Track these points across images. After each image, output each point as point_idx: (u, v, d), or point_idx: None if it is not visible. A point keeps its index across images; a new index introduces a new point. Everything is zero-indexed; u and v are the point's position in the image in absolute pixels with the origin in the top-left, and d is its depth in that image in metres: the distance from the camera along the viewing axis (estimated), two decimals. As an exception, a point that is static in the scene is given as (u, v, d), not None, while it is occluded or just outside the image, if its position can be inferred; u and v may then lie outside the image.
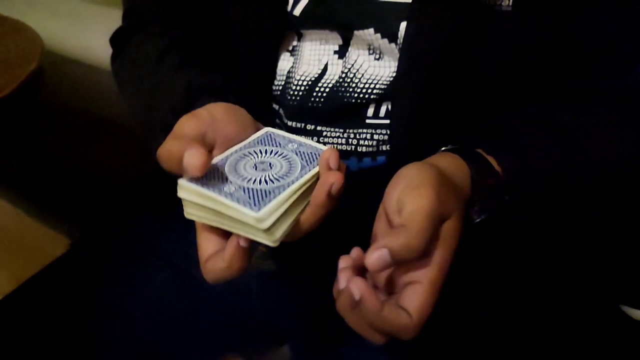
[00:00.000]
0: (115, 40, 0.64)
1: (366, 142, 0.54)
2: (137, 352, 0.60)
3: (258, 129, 0.49)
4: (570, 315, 0.68)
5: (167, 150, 0.41)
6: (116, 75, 0.64)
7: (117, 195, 0.85)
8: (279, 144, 0.47)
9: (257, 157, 0.45)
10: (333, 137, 0.54)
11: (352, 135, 0.54)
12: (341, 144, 0.54)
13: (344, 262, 0.41)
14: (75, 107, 1.11)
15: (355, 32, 0.52)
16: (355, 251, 0.42)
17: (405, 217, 0.39)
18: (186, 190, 0.41)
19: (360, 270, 0.41)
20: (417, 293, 0.39)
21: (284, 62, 0.55)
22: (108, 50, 0.66)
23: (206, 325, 0.63)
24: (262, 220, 0.39)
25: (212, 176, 0.42)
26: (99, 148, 1.10)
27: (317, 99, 0.54)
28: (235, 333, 0.65)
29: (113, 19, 0.66)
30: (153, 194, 0.71)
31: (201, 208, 0.41)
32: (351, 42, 0.53)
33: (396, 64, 0.51)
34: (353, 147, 0.54)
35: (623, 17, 0.49)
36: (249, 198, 0.40)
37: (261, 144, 0.47)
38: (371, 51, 0.52)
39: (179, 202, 0.69)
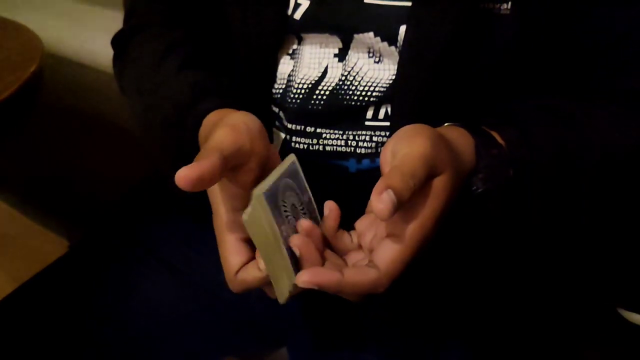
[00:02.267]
0: (117, 42, 0.64)
1: (365, 144, 0.54)
2: (136, 355, 0.60)
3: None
4: (568, 319, 0.68)
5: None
6: (118, 76, 0.64)
7: (116, 197, 0.85)
8: (303, 188, 0.46)
9: (295, 197, 0.44)
10: (332, 139, 0.55)
11: (351, 137, 0.54)
12: (340, 145, 0.55)
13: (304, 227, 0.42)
14: (75, 109, 1.11)
15: (355, 35, 0.52)
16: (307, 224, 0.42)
17: (398, 159, 0.39)
18: (260, 206, 0.40)
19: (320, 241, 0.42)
20: (389, 246, 0.39)
21: (284, 66, 0.56)
22: (108, 52, 0.66)
23: (205, 327, 0.63)
24: (296, 284, 0.39)
25: (277, 203, 0.41)
26: (98, 150, 1.10)
27: (317, 102, 0.54)
28: (234, 335, 0.65)
29: (113, 20, 0.66)
30: (153, 197, 0.71)
31: (259, 226, 0.40)
32: (351, 46, 0.53)
33: (396, 67, 0.51)
34: (352, 148, 0.55)
35: (622, 18, 0.50)
36: (290, 256, 0.40)
37: (293, 177, 0.45)
38: (371, 54, 0.52)
39: (178, 205, 0.69)
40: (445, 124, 0.49)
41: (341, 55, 0.54)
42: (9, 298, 0.61)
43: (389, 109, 0.53)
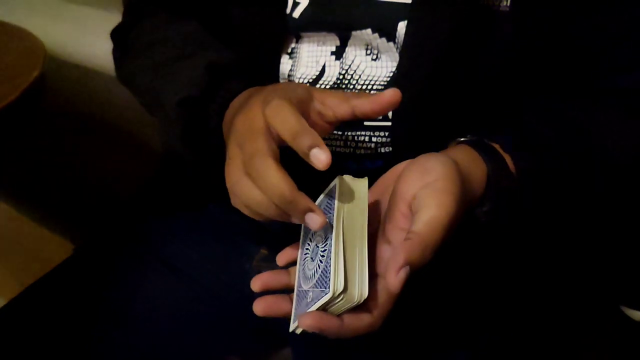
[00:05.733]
0: (117, 33, 0.65)
1: (365, 145, 0.54)
2: (139, 355, 0.60)
3: None
4: (570, 316, 0.68)
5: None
6: (118, 63, 0.65)
7: (119, 199, 0.85)
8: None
9: (309, 252, 0.45)
10: (332, 140, 0.55)
11: (350, 138, 0.54)
12: (339, 146, 0.55)
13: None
14: (77, 112, 1.12)
15: (353, 32, 0.52)
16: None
17: (423, 225, 0.38)
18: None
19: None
20: (381, 291, 0.40)
21: (283, 65, 0.56)
22: (110, 55, 0.67)
23: (208, 327, 0.63)
24: (337, 289, 0.39)
25: (300, 301, 0.43)
26: (101, 152, 1.10)
27: None
28: (236, 335, 0.65)
29: (115, 23, 0.66)
30: (155, 198, 0.71)
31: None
32: (348, 43, 0.53)
33: (393, 64, 0.52)
34: (351, 149, 0.55)
35: (623, 16, 0.50)
36: (320, 287, 0.40)
37: (303, 241, 0.46)
38: (368, 51, 0.53)
39: (180, 206, 0.69)
40: (459, 142, 0.49)
41: (338, 53, 0.54)
42: (15, 300, 0.62)
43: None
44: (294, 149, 0.40)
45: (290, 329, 0.43)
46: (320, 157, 0.39)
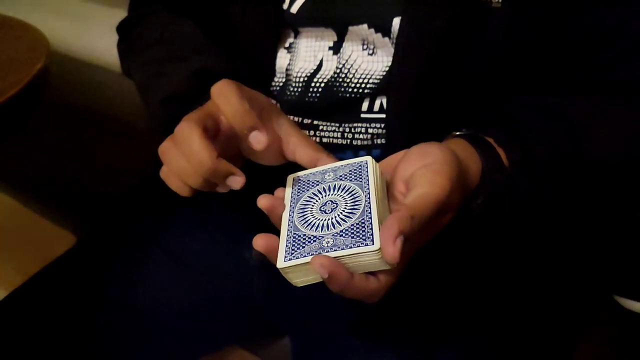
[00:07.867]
0: (122, 27, 0.67)
1: (361, 136, 0.55)
2: (141, 344, 0.61)
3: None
4: (563, 306, 0.68)
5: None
6: (122, 56, 0.66)
7: (121, 192, 0.86)
8: (316, 182, 0.45)
9: (314, 204, 0.44)
10: (329, 132, 0.56)
11: (347, 130, 0.55)
12: (337, 137, 0.55)
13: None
14: (80, 107, 1.12)
15: (350, 27, 0.53)
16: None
17: (412, 199, 0.39)
18: (292, 269, 0.41)
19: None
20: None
21: (281, 60, 0.57)
22: (114, 50, 0.68)
23: (208, 317, 0.64)
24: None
25: (299, 243, 0.41)
26: (103, 146, 1.11)
27: (313, 94, 0.55)
28: (236, 325, 0.66)
29: (118, 19, 0.67)
30: (157, 191, 0.72)
31: (310, 272, 0.41)
32: (345, 38, 0.54)
33: (389, 59, 0.52)
34: (348, 140, 0.55)
35: (617, 10, 0.50)
36: (353, 237, 0.40)
37: (301, 191, 0.45)
38: (365, 46, 0.53)
39: (181, 199, 0.70)
40: (454, 135, 0.49)
41: (336, 48, 0.55)
42: (17, 291, 0.62)
43: (384, 102, 0.54)
44: (235, 129, 0.41)
45: (278, 266, 0.41)
46: (259, 139, 0.41)
